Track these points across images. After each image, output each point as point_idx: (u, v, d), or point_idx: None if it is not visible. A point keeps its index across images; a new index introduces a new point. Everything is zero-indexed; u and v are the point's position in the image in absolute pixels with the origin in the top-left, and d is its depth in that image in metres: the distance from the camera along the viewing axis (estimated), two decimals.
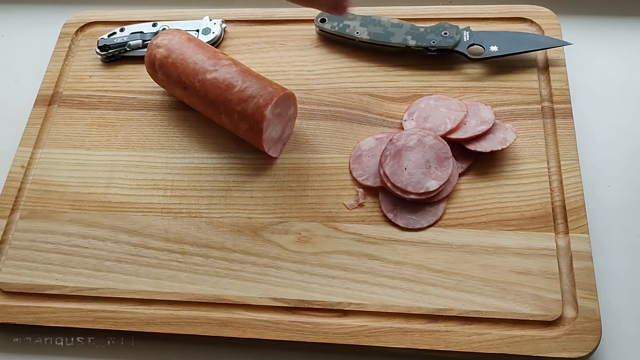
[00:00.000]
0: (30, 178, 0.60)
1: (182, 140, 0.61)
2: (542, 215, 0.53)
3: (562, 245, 0.51)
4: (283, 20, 0.68)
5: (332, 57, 0.65)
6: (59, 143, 0.62)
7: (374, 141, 0.58)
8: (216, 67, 0.56)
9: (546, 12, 0.65)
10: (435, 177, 0.53)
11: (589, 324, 0.47)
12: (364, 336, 0.48)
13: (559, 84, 0.60)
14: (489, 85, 0.61)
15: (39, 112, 0.64)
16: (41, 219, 0.57)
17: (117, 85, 0.66)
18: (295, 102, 0.57)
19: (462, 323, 0.48)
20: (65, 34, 0.70)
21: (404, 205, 0.54)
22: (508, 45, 0.60)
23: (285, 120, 0.57)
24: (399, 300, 0.50)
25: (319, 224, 0.54)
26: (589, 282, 0.49)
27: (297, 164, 0.58)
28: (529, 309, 0.48)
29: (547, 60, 0.61)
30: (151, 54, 0.59)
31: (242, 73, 0.55)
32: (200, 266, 0.53)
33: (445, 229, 0.53)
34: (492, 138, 0.55)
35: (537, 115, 0.58)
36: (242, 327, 0.50)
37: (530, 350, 0.47)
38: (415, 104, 0.59)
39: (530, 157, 0.56)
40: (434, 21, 0.65)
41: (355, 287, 0.50)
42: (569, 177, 0.54)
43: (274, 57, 0.65)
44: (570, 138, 0.56)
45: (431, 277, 0.50)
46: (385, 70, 0.63)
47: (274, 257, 0.53)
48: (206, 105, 0.57)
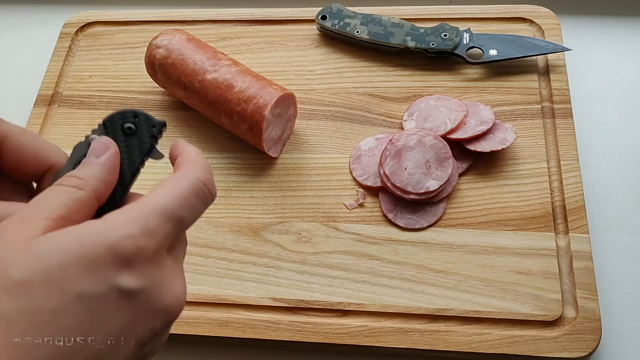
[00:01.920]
0: None
1: None
2: (542, 215, 0.53)
3: (562, 245, 0.51)
4: (283, 20, 0.68)
5: (332, 57, 0.65)
6: (59, 143, 0.61)
7: (374, 141, 0.58)
8: (216, 68, 0.56)
9: (546, 12, 0.65)
10: (435, 177, 0.53)
11: (589, 324, 0.47)
12: (364, 336, 0.48)
13: (558, 84, 0.60)
14: (489, 85, 0.61)
15: (39, 112, 0.64)
16: None
17: (117, 85, 0.66)
18: (295, 102, 0.57)
19: (462, 323, 0.48)
20: (65, 34, 0.70)
21: (404, 205, 0.54)
22: (507, 49, 0.60)
23: (285, 121, 0.57)
24: (399, 300, 0.50)
25: (319, 224, 0.54)
26: (589, 282, 0.49)
27: (297, 164, 0.58)
28: (529, 309, 0.48)
29: (547, 61, 0.61)
30: (151, 54, 0.59)
31: (242, 73, 0.55)
32: (200, 266, 0.53)
33: (445, 229, 0.53)
34: (492, 138, 0.55)
35: (537, 115, 0.58)
36: (242, 327, 0.50)
37: (530, 350, 0.47)
38: (415, 104, 0.59)
39: (530, 157, 0.56)
40: (434, 21, 0.65)
41: (355, 287, 0.50)
42: (569, 177, 0.54)
43: (274, 57, 0.65)
44: (570, 138, 0.56)
45: (431, 277, 0.50)
46: (385, 70, 0.63)
47: (274, 257, 0.53)
48: (206, 105, 0.57)
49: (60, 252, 0.25)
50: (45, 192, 0.29)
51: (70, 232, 0.26)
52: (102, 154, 0.30)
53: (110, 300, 0.26)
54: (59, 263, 0.25)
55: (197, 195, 0.29)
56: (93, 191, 0.29)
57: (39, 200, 0.28)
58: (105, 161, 0.30)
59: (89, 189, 0.29)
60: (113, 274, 0.26)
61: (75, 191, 0.28)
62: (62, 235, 0.26)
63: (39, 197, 0.28)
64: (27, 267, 0.25)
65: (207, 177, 0.30)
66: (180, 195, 0.29)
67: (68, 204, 0.28)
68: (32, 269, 0.25)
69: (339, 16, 0.64)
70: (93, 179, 0.29)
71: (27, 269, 0.25)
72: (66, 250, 0.25)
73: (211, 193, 0.30)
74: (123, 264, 0.26)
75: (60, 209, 0.27)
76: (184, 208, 0.29)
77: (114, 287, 0.26)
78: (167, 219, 0.28)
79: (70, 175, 0.29)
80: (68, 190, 0.28)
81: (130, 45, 0.68)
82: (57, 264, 0.25)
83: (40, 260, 0.25)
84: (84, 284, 0.25)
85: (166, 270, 0.28)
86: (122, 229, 0.26)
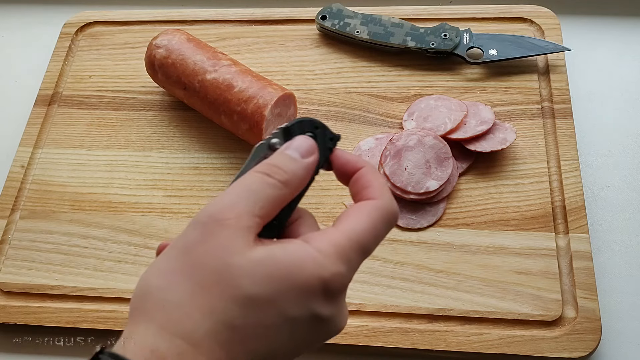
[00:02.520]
0: (30, 178, 0.60)
1: (182, 140, 0.61)
2: (542, 215, 0.53)
3: (562, 245, 0.51)
4: (283, 20, 0.68)
5: (332, 57, 0.65)
6: (59, 143, 0.62)
7: (374, 141, 0.58)
8: (216, 68, 0.56)
9: (546, 12, 0.64)
10: (435, 177, 0.53)
11: (589, 324, 0.47)
12: (364, 336, 0.48)
13: (558, 84, 0.60)
14: (489, 85, 0.61)
15: (39, 112, 0.64)
16: (41, 219, 0.57)
17: (117, 85, 0.66)
18: (295, 103, 0.57)
19: (462, 323, 0.48)
20: (65, 34, 0.70)
21: (404, 205, 0.54)
22: (507, 49, 0.60)
23: (285, 121, 0.57)
24: (399, 300, 0.50)
25: (319, 224, 0.53)
26: (589, 282, 0.49)
27: None
28: (529, 309, 0.48)
29: (547, 61, 0.61)
30: (151, 54, 0.59)
31: (242, 73, 0.55)
32: None
33: (445, 229, 0.53)
34: (492, 138, 0.55)
35: (537, 115, 0.58)
36: None
37: (530, 350, 0.47)
38: (415, 104, 0.59)
39: (530, 157, 0.56)
40: (434, 21, 0.65)
41: (355, 287, 0.50)
42: (569, 177, 0.54)
43: (274, 57, 0.65)
44: (570, 138, 0.56)
45: (431, 277, 0.50)
46: (385, 70, 0.63)
47: None
48: (206, 105, 0.57)
49: (283, 277, 0.27)
50: (253, 178, 0.29)
51: (289, 254, 0.28)
52: (307, 156, 0.31)
53: (308, 324, 0.28)
54: (281, 288, 0.27)
55: (386, 229, 0.30)
56: (292, 191, 0.30)
57: (248, 188, 0.29)
58: (309, 164, 0.31)
59: (291, 188, 0.30)
60: (319, 304, 0.28)
61: (281, 188, 0.29)
62: (284, 256, 0.28)
63: (245, 183, 0.29)
64: (258, 285, 0.27)
65: (397, 211, 0.31)
66: (376, 228, 0.30)
67: (273, 203, 0.29)
68: (262, 289, 0.27)
69: (339, 16, 0.64)
70: (296, 179, 0.30)
71: (258, 287, 0.27)
72: (288, 278, 0.27)
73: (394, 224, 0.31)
74: (328, 296, 0.28)
75: (267, 208, 0.29)
76: (375, 243, 0.30)
77: (315, 314, 0.28)
78: (363, 254, 0.29)
79: (278, 166, 0.30)
80: (275, 186, 0.29)
81: (130, 45, 0.68)
82: (280, 288, 0.27)
83: (270, 282, 0.27)
84: (296, 309, 0.27)
85: (345, 296, 0.30)
86: (333, 265, 0.28)
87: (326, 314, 0.28)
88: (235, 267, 0.27)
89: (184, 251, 0.28)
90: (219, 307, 0.26)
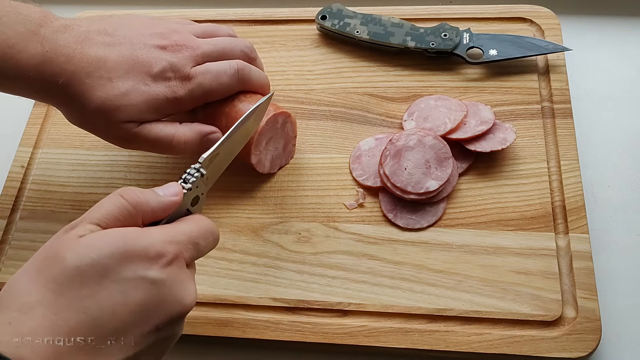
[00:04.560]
0: (30, 178, 0.60)
1: None
2: (542, 215, 0.53)
3: (562, 245, 0.51)
4: (283, 20, 0.68)
5: (332, 57, 0.65)
6: (59, 143, 0.62)
7: (374, 141, 0.58)
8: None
9: (546, 12, 0.64)
10: (435, 177, 0.53)
11: (589, 324, 0.47)
12: (363, 336, 0.48)
13: (558, 84, 0.60)
14: (489, 85, 0.61)
15: (39, 112, 0.64)
16: (41, 219, 0.57)
17: None
18: (291, 120, 0.55)
19: (462, 323, 0.48)
20: None
21: (404, 205, 0.54)
22: (507, 49, 0.60)
23: (280, 137, 0.55)
24: (399, 300, 0.50)
25: (319, 224, 0.54)
26: (589, 282, 0.49)
27: (296, 164, 0.58)
28: (529, 309, 0.48)
29: (547, 61, 0.61)
30: None
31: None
32: (200, 266, 0.53)
33: (445, 229, 0.53)
34: (492, 138, 0.55)
35: (537, 115, 0.58)
36: (242, 327, 0.50)
37: (530, 350, 0.47)
38: (415, 104, 0.59)
39: (530, 157, 0.56)
40: (434, 21, 0.65)
41: (355, 287, 0.50)
42: (569, 177, 0.54)
43: (274, 57, 0.65)
44: (570, 138, 0.56)
45: (431, 277, 0.50)
46: (385, 70, 0.63)
47: (273, 257, 0.53)
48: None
49: (107, 245, 0.34)
50: (103, 201, 0.37)
51: (117, 231, 0.35)
52: (165, 193, 0.39)
53: (138, 286, 0.34)
54: (106, 253, 0.33)
55: (212, 234, 0.40)
56: (140, 214, 0.37)
57: (93, 208, 0.37)
58: (162, 200, 0.39)
59: (139, 210, 0.37)
60: (143, 268, 0.34)
61: (128, 208, 0.37)
62: (109, 232, 0.35)
63: (96, 206, 0.37)
64: (81, 256, 0.33)
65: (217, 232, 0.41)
66: (201, 228, 0.39)
67: (116, 216, 0.36)
68: (85, 258, 0.33)
69: (339, 16, 0.64)
70: (147, 205, 0.38)
71: (80, 258, 0.33)
72: (112, 244, 0.34)
73: (217, 241, 0.41)
74: (152, 261, 0.35)
75: (108, 219, 0.36)
76: (201, 238, 0.39)
77: (144, 277, 0.34)
78: (189, 240, 0.38)
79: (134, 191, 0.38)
80: (123, 205, 0.37)
81: None
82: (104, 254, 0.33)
83: (92, 252, 0.33)
84: (122, 271, 0.34)
85: (183, 275, 0.36)
86: (155, 237, 0.36)
87: (156, 276, 0.34)
88: (62, 246, 0.34)
89: None
90: (48, 278, 0.33)
